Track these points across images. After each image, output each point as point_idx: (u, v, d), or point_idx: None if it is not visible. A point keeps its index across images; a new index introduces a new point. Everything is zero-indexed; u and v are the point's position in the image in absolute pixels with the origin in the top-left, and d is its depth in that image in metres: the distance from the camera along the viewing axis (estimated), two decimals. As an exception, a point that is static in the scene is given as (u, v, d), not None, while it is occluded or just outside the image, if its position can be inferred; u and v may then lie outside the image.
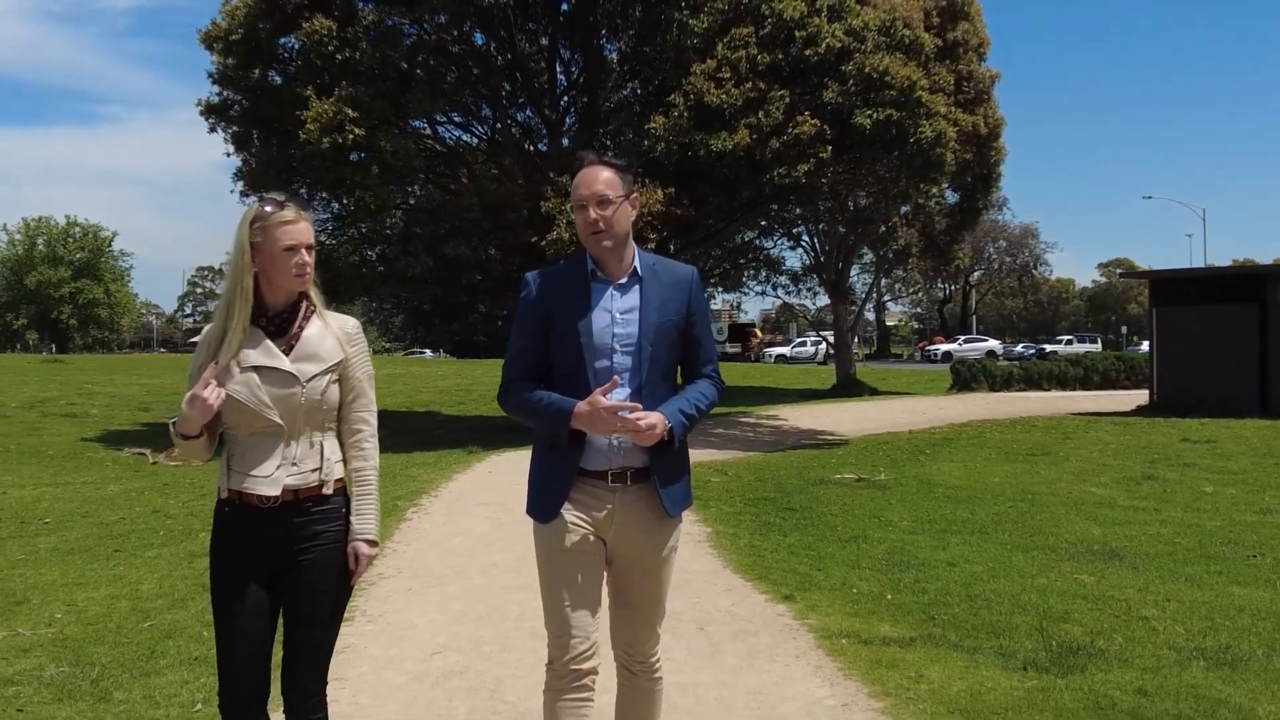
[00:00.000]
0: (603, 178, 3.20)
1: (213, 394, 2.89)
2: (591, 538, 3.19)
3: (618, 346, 3.17)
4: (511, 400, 3.25)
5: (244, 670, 2.99)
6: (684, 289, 3.28)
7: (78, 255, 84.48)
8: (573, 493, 3.18)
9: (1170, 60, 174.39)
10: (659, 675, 3.39)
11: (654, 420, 3.05)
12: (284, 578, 3.04)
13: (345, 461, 3.13)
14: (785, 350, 63.76)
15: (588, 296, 3.20)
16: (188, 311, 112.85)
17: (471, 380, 35.30)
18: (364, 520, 3.10)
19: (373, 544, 3.11)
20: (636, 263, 3.27)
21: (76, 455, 16.55)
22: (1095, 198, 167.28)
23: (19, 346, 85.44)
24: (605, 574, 3.28)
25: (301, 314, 3.09)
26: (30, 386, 28.00)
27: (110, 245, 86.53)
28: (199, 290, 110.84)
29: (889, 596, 6.53)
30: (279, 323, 3.05)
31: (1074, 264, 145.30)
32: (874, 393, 29.40)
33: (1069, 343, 61.98)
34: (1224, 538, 8.72)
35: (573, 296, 3.21)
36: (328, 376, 3.06)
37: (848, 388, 29.94)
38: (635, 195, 3.30)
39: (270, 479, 2.99)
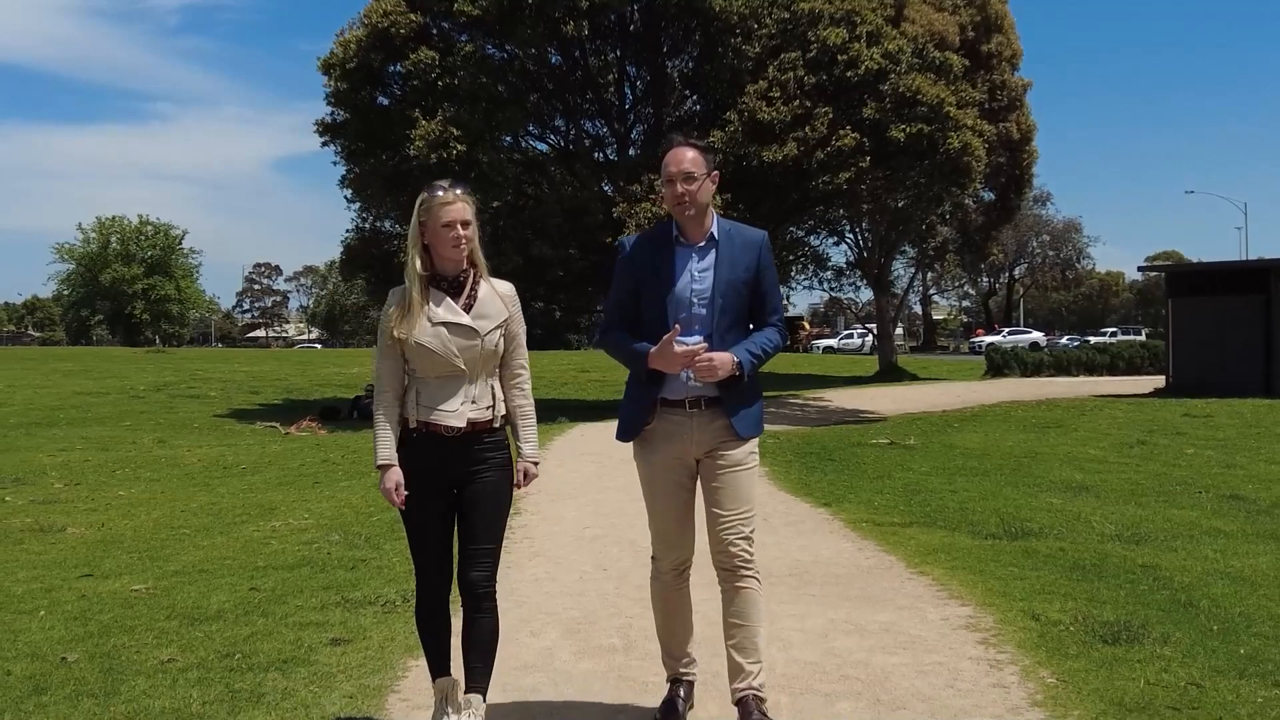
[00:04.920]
0: (689, 157, 3.67)
1: (397, 497, 3.59)
2: (678, 459, 3.73)
3: (695, 300, 3.68)
4: (607, 343, 3.86)
5: (431, 564, 3.65)
6: (754, 250, 3.76)
7: (150, 253, 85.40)
8: (658, 421, 3.71)
9: (1213, 55, 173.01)
10: (750, 575, 3.71)
11: (721, 359, 3.58)
12: (460, 494, 3.62)
13: (507, 400, 3.70)
14: (833, 342, 65.94)
15: (672, 257, 3.71)
16: (245, 307, 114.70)
17: (539, 370, 37.85)
18: (529, 445, 3.72)
19: (536, 464, 3.74)
20: (714, 228, 3.75)
21: (217, 428, 19.30)
22: (1147, 193, 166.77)
23: (83, 341, 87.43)
24: (698, 489, 3.77)
25: (471, 279, 3.62)
26: (147, 373, 31.07)
27: (181, 243, 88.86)
28: (256, 286, 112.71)
29: (900, 507, 8.92)
30: (455, 286, 3.59)
31: (1127, 258, 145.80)
32: (914, 379, 31.59)
33: (1114, 335, 62.87)
34: (1184, 481, 10.79)
35: (659, 258, 3.72)
36: (498, 330, 3.60)
37: (889, 374, 32.15)
38: (715, 172, 3.77)
39: (456, 413, 3.54)
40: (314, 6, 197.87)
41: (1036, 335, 64.67)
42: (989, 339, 61.44)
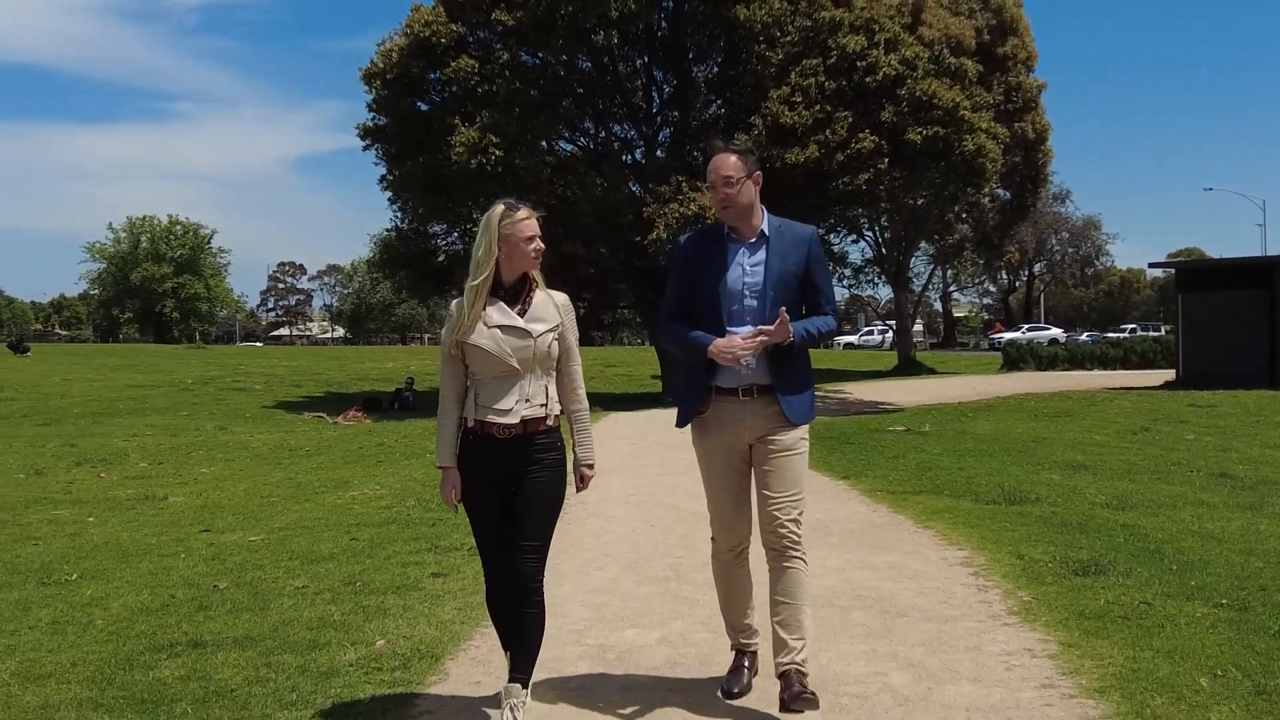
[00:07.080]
0: (729, 162, 3.85)
1: (453, 499, 3.80)
2: (733, 444, 3.90)
3: (747, 292, 3.87)
4: (664, 334, 4.05)
5: (495, 555, 3.80)
6: (804, 244, 3.95)
7: (179, 252, 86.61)
8: (714, 408, 3.89)
9: (1230, 52, 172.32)
10: (798, 556, 3.86)
11: (780, 327, 3.71)
12: (513, 490, 3.75)
13: (563, 405, 3.85)
14: (853, 338, 66.80)
15: (724, 253, 3.91)
16: (270, 306, 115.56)
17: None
18: (585, 449, 3.89)
19: (591, 466, 3.91)
20: (764, 225, 3.93)
21: (268, 418, 20.40)
22: (1167, 190, 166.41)
23: (111, 339, 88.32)
24: (751, 473, 3.93)
25: (527, 287, 3.80)
26: (193, 368, 32.31)
27: (209, 242, 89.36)
28: (281, 285, 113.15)
29: (912, 481, 9.86)
30: (513, 293, 3.77)
31: (1148, 254, 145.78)
32: (932, 373, 32.46)
33: (1133, 331, 63.25)
34: (1179, 463, 11.58)
35: (711, 252, 3.93)
36: (551, 334, 3.77)
37: (908, 368, 33.06)
38: (757, 173, 3.92)
39: (510, 411, 3.70)
40: (332, 6, 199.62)
41: (1055, 331, 65.09)
42: (1008, 335, 62.05)
